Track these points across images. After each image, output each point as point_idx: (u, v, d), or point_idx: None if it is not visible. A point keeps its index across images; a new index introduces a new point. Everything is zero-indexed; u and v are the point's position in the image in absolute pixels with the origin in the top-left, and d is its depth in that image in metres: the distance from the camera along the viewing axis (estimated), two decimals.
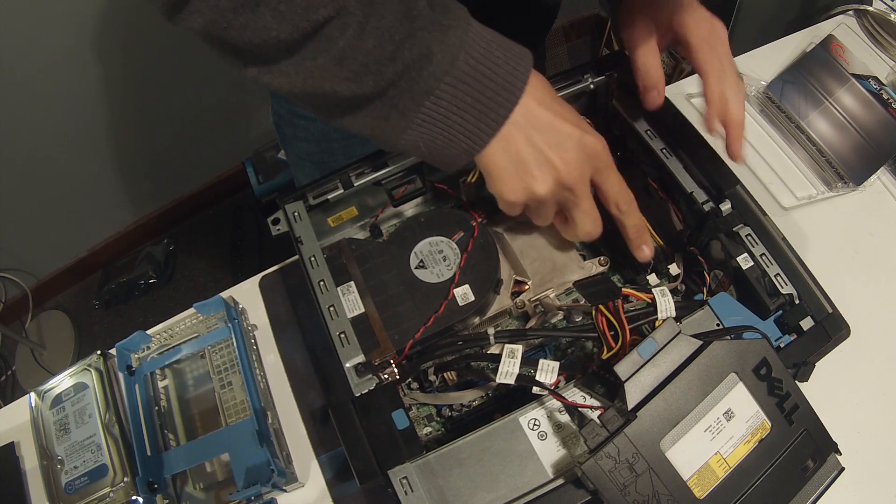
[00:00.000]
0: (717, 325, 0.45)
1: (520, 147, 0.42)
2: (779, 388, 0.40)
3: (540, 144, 0.42)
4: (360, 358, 0.45)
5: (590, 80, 0.57)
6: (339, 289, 0.50)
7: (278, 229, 0.53)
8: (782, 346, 0.45)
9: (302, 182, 0.79)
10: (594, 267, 0.54)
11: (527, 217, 0.48)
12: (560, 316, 0.53)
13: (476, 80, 0.39)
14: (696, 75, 0.52)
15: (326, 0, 0.35)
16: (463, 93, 0.39)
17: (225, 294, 0.61)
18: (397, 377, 0.46)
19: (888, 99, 0.69)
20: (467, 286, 0.50)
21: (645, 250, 0.49)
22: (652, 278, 0.54)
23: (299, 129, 0.73)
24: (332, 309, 0.47)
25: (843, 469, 0.41)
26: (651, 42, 0.52)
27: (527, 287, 0.53)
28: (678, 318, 0.44)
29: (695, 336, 0.40)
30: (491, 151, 0.42)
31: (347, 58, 0.37)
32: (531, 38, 0.74)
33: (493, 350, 0.48)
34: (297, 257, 0.51)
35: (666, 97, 0.55)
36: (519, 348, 0.44)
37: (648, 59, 0.52)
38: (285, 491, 0.53)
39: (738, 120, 0.50)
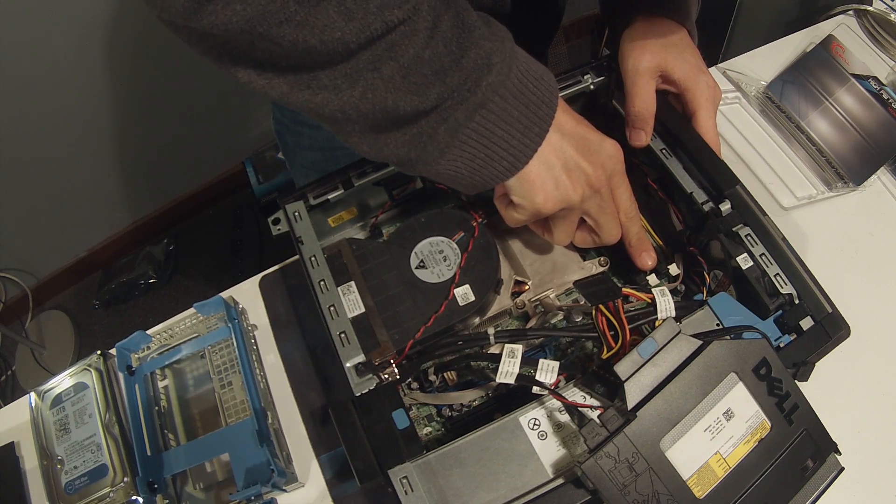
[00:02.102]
0: (717, 325, 0.45)
1: (553, 156, 0.42)
2: (778, 388, 0.40)
3: (570, 152, 0.42)
4: (361, 358, 0.45)
5: (590, 81, 0.57)
6: (339, 289, 0.50)
7: (279, 229, 0.53)
8: (782, 345, 0.45)
9: None
10: (594, 267, 0.54)
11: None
12: (560, 316, 0.53)
13: (523, 93, 0.38)
14: None
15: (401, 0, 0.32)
16: (511, 106, 0.38)
17: (225, 294, 0.61)
18: (397, 377, 0.46)
19: (888, 99, 0.69)
20: (468, 286, 0.50)
21: (646, 258, 0.51)
22: (652, 278, 0.54)
23: (303, 137, 0.71)
24: (332, 309, 0.47)
25: (842, 469, 0.41)
26: (651, 83, 0.53)
27: (527, 287, 0.53)
28: (678, 318, 0.44)
29: (695, 336, 0.40)
30: (529, 165, 0.41)
31: (413, 67, 0.34)
32: (539, 46, 0.74)
33: (494, 350, 0.48)
34: (297, 257, 0.51)
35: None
36: (519, 348, 0.44)
37: (646, 99, 0.53)
38: (285, 491, 0.53)
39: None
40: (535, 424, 0.42)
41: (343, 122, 0.36)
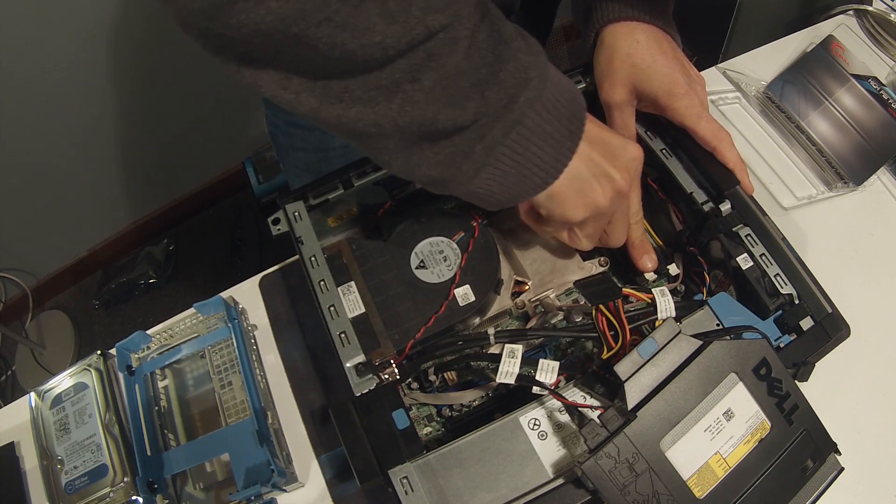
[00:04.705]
0: (717, 325, 0.45)
1: (583, 166, 0.41)
2: (778, 388, 0.40)
3: (597, 159, 0.42)
4: (361, 358, 0.45)
5: (589, 81, 0.57)
6: (339, 289, 0.50)
7: (278, 229, 0.53)
8: (782, 346, 0.45)
9: None
10: (594, 267, 0.54)
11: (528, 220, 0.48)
12: (560, 316, 0.53)
13: (556, 108, 0.38)
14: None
15: (443, 3, 0.30)
16: (545, 122, 0.37)
17: (225, 294, 0.61)
18: (397, 377, 0.46)
19: (888, 99, 0.69)
20: (468, 286, 0.50)
21: (647, 261, 0.51)
22: (650, 276, 0.54)
23: (296, 138, 0.71)
24: (332, 309, 0.47)
25: (842, 469, 0.41)
26: (627, 113, 0.53)
27: (527, 287, 0.53)
28: (678, 318, 0.44)
29: (695, 336, 0.40)
30: (560, 179, 0.41)
31: (454, 78, 0.32)
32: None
33: (494, 350, 0.48)
34: (297, 257, 0.51)
35: None
36: (519, 348, 0.44)
37: (626, 121, 0.53)
38: (285, 491, 0.53)
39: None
40: (535, 424, 0.42)
41: (377, 137, 0.34)
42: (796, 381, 0.42)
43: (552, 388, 0.42)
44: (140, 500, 0.51)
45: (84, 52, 1.27)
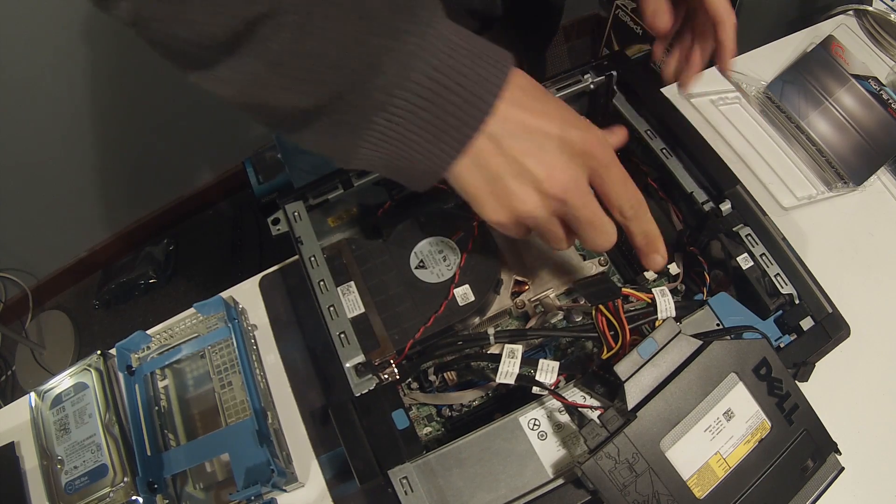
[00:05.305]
0: (717, 325, 0.45)
1: (491, 160, 0.36)
2: (779, 388, 0.40)
3: (514, 153, 0.36)
4: (360, 358, 0.45)
5: (590, 80, 0.57)
6: (339, 289, 0.50)
7: (278, 229, 0.53)
8: (782, 346, 0.45)
9: None
10: (594, 267, 0.54)
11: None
12: (560, 316, 0.53)
13: (436, 93, 0.33)
14: (699, 75, 0.52)
15: None
16: (420, 108, 0.34)
17: (225, 294, 0.61)
18: (397, 377, 0.46)
19: (888, 99, 0.69)
20: (467, 286, 0.50)
21: (657, 259, 0.43)
22: (650, 276, 0.54)
23: None
24: (332, 309, 0.47)
25: (842, 469, 0.41)
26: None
27: (527, 287, 0.53)
28: (678, 318, 0.44)
29: (695, 336, 0.40)
30: (459, 170, 0.36)
31: (284, 64, 0.32)
32: (538, 48, 0.73)
33: (493, 350, 0.48)
34: (297, 257, 0.51)
35: (666, 97, 0.55)
36: (519, 348, 0.44)
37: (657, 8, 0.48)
38: (285, 491, 0.53)
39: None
40: (535, 425, 0.42)
41: (253, 113, 0.36)
42: (796, 381, 0.42)
43: (552, 388, 0.42)
44: (140, 500, 0.51)
45: (85, 52, 1.27)
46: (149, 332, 0.59)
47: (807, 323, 0.45)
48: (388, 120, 0.34)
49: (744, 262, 0.48)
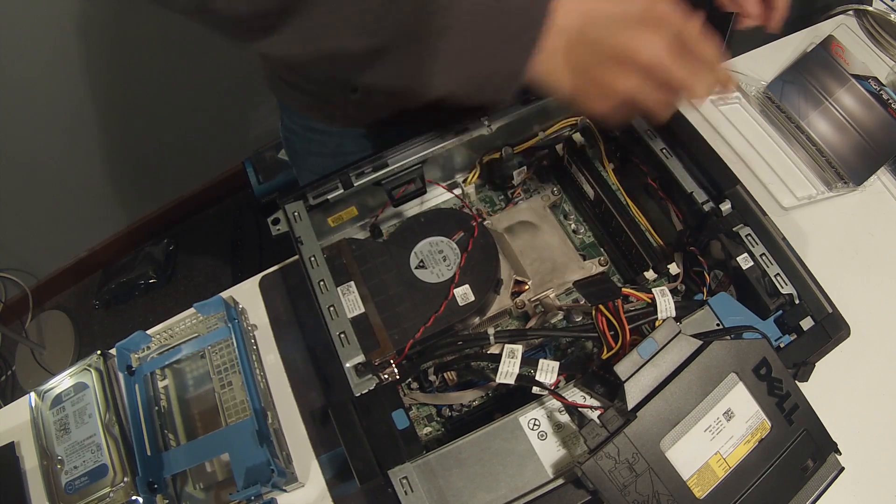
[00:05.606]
0: (717, 325, 0.45)
1: (579, 53, 0.36)
2: (779, 388, 0.40)
3: (592, 39, 0.36)
4: (360, 358, 0.45)
5: None
6: (339, 289, 0.50)
7: (278, 229, 0.53)
8: (782, 346, 0.45)
9: None
10: (594, 267, 0.54)
11: (523, 217, 0.48)
12: (560, 316, 0.53)
13: (490, 8, 0.35)
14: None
15: None
16: (482, 16, 0.35)
17: (225, 294, 0.61)
18: (397, 377, 0.46)
19: (888, 99, 0.69)
20: (467, 286, 0.50)
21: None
22: (650, 276, 0.54)
23: (313, 143, 0.70)
24: (332, 309, 0.47)
25: (842, 469, 0.41)
26: None
27: (527, 287, 0.53)
28: (678, 318, 0.44)
29: (695, 336, 0.40)
30: (546, 69, 0.37)
31: (346, 7, 0.35)
32: None
33: (493, 350, 0.48)
34: (297, 257, 0.51)
35: None
36: (519, 348, 0.44)
37: None
38: (285, 491, 0.53)
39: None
40: (535, 425, 0.42)
41: (324, 66, 0.39)
42: (796, 381, 0.42)
43: (552, 388, 0.42)
44: (140, 500, 0.51)
45: (84, 51, 1.27)
46: (149, 332, 0.59)
47: (807, 323, 0.45)
48: (456, 36, 0.35)
49: (744, 262, 0.48)
